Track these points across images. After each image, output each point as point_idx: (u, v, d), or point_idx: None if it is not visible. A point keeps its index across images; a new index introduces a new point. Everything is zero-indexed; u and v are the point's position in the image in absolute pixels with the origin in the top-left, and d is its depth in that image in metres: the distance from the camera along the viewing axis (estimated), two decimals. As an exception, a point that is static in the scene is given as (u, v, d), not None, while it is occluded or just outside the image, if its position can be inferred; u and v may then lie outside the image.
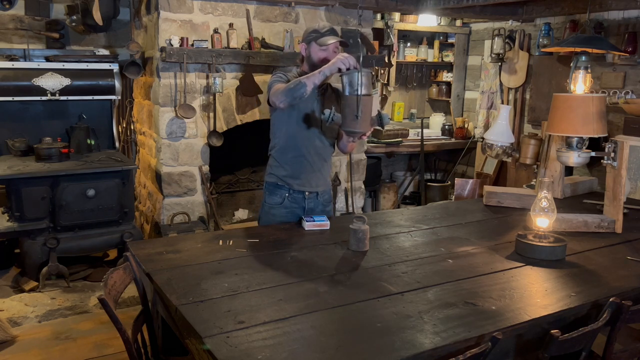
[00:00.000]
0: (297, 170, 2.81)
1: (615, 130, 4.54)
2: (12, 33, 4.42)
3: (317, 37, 2.74)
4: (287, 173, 2.81)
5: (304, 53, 2.80)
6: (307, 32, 2.80)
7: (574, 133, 2.73)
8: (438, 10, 5.01)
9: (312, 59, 2.75)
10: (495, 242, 2.57)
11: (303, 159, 2.80)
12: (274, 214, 2.84)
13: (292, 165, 2.80)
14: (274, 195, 2.85)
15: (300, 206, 2.85)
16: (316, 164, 2.84)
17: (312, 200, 2.87)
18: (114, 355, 3.15)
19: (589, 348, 1.87)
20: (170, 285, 1.96)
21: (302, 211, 2.85)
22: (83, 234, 3.95)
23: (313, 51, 2.75)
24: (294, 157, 2.79)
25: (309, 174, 2.83)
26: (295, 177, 2.81)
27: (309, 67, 2.77)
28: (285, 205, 2.83)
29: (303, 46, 2.79)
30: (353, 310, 1.82)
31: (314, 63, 2.73)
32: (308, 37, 2.77)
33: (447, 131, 6.28)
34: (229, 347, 1.55)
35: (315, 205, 2.89)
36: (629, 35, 4.49)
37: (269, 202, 2.86)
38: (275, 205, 2.84)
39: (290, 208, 2.84)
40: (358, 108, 2.43)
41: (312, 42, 2.75)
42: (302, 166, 2.81)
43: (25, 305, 3.61)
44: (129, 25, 4.87)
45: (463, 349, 1.57)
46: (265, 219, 2.87)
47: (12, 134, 4.26)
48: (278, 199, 2.84)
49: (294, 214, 2.84)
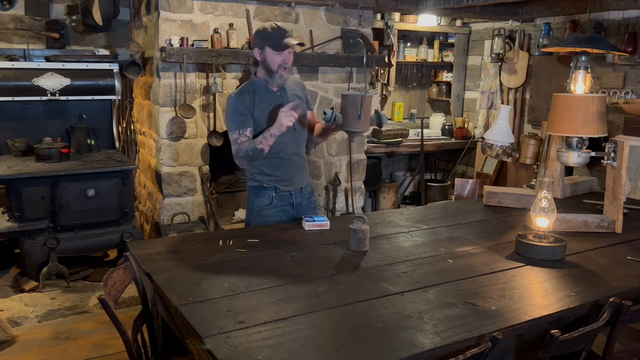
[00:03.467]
0: (281, 173, 2.79)
1: (615, 130, 4.54)
2: (12, 33, 4.42)
3: (270, 40, 2.62)
4: (272, 177, 2.79)
5: (259, 58, 2.68)
6: (259, 34, 2.67)
7: (574, 133, 2.73)
8: (438, 10, 5.01)
9: (269, 64, 2.65)
10: (495, 242, 2.57)
11: (285, 161, 2.78)
12: (265, 214, 2.82)
13: (276, 169, 2.78)
14: (261, 197, 2.82)
15: (288, 203, 2.84)
16: (297, 163, 2.85)
17: (298, 195, 2.87)
18: (114, 355, 3.15)
19: (589, 348, 1.87)
20: (170, 285, 1.96)
21: (292, 207, 2.85)
22: (83, 234, 3.95)
23: (269, 56, 2.64)
24: (276, 161, 2.76)
25: (293, 174, 2.84)
26: (280, 179, 2.80)
27: (265, 72, 2.69)
28: (274, 205, 2.82)
29: (257, 51, 2.67)
30: (353, 310, 1.82)
31: (271, 69, 2.65)
32: (261, 41, 2.64)
33: (447, 131, 6.28)
34: (229, 347, 1.55)
35: (302, 199, 2.90)
36: (629, 35, 4.49)
37: (257, 205, 2.83)
38: (265, 207, 2.82)
39: (280, 207, 2.83)
40: (362, 108, 2.44)
41: (265, 46, 2.63)
42: (285, 168, 2.80)
43: (25, 305, 3.61)
44: (129, 25, 4.87)
45: (463, 349, 1.57)
46: (256, 221, 2.84)
47: (12, 134, 4.26)
48: (266, 200, 2.81)
49: (284, 212, 2.84)
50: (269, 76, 2.69)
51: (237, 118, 2.66)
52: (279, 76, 2.67)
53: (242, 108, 2.67)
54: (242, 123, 2.66)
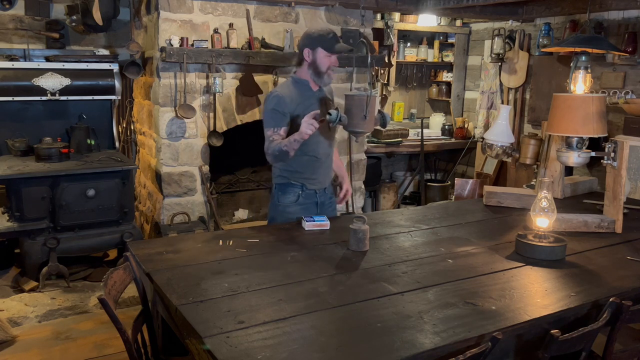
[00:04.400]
0: (311, 171, 2.85)
1: (615, 130, 4.54)
2: (12, 33, 4.42)
3: (323, 42, 2.71)
4: (302, 174, 2.84)
5: (308, 59, 2.75)
6: (311, 36, 2.74)
7: (574, 133, 2.73)
8: (438, 10, 5.01)
9: (318, 65, 2.73)
10: (495, 242, 2.57)
11: (316, 160, 2.84)
12: (290, 212, 2.86)
13: (307, 167, 2.83)
14: (288, 194, 2.86)
15: (312, 201, 2.90)
16: (326, 162, 2.91)
17: (322, 194, 2.94)
18: (114, 355, 3.15)
19: (589, 348, 1.87)
20: (170, 285, 1.96)
21: (315, 206, 2.91)
22: (83, 234, 3.95)
23: (319, 57, 2.72)
24: (308, 160, 2.82)
25: (322, 173, 2.91)
26: (310, 177, 2.86)
27: (313, 72, 2.76)
28: (300, 202, 2.87)
29: (308, 51, 2.74)
30: (353, 310, 1.82)
31: (320, 70, 2.74)
32: (314, 42, 2.72)
33: (447, 131, 6.28)
34: (229, 347, 1.55)
35: (325, 198, 2.96)
36: (629, 35, 4.49)
37: (283, 202, 2.87)
38: (291, 204, 2.86)
39: (305, 204, 2.88)
40: (367, 109, 2.45)
41: (318, 47, 2.71)
42: (315, 167, 2.86)
43: (25, 305, 3.61)
44: (129, 25, 4.87)
45: (463, 349, 1.57)
46: (281, 218, 2.87)
47: (12, 134, 4.26)
48: (292, 197, 2.86)
49: (308, 210, 2.88)
50: (317, 77, 2.76)
51: (275, 116, 2.70)
52: (327, 76, 2.76)
53: (282, 107, 2.70)
54: (279, 122, 2.70)
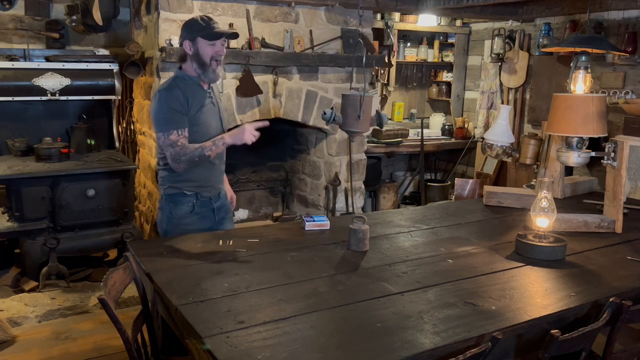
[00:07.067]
0: (206, 178, 2.68)
1: (615, 130, 4.53)
2: (12, 33, 4.41)
3: (202, 30, 2.50)
4: (196, 182, 2.65)
5: (189, 51, 2.54)
6: (189, 26, 2.54)
7: (574, 133, 2.73)
8: (438, 10, 5.01)
9: (201, 57, 2.52)
10: (495, 242, 2.57)
11: (211, 165, 2.68)
12: (186, 223, 2.65)
13: (201, 174, 2.65)
14: (181, 205, 2.64)
15: (209, 208, 2.72)
16: (220, 167, 2.76)
17: (216, 199, 2.76)
18: (114, 355, 3.15)
19: (589, 348, 1.87)
20: (170, 285, 1.96)
21: (212, 212, 2.73)
22: (83, 234, 3.95)
23: (201, 47, 2.51)
24: (203, 166, 2.62)
25: (217, 180, 2.76)
26: (204, 185, 2.68)
27: (197, 66, 2.54)
28: (195, 212, 2.67)
29: (188, 43, 2.53)
30: (353, 310, 1.82)
31: (204, 61, 2.53)
32: (193, 32, 2.51)
33: (447, 131, 6.27)
34: (229, 347, 1.55)
35: (221, 202, 2.79)
36: (629, 35, 4.49)
37: (176, 214, 2.64)
38: (185, 215, 2.65)
39: (201, 213, 2.69)
40: (361, 108, 2.44)
41: (197, 37, 2.50)
42: (211, 173, 2.69)
43: (25, 305, 3.60)
44: (129, 25, 4.86)
45: (463, 349, 1.57)
46: (176, 231, 2.63)
47: (12, 134, 4.25)
48: (187, 208, 2.65)
49: (205, 218, 2.71)
50: (202, 71, 2.54)
51: (173, 117, 2.47)
52: (212, 71, 2.55)
53: (177, 106, 2.48)
54: (180, 123, 2.48)
